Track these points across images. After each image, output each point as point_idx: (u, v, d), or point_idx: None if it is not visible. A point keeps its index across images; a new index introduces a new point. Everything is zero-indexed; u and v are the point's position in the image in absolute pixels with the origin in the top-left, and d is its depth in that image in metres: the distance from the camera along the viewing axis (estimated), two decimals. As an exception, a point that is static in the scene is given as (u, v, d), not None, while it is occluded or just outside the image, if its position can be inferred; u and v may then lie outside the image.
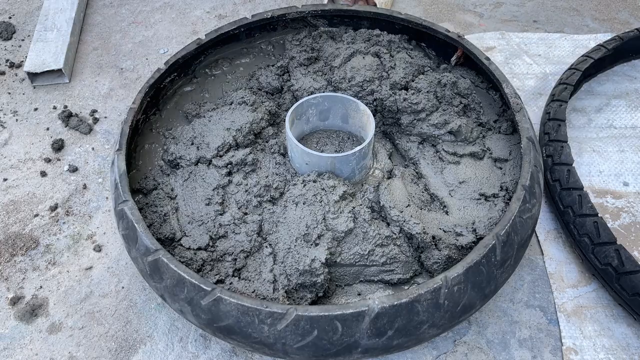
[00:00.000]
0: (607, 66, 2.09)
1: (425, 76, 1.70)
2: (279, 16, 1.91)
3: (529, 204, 1.37)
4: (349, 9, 1.92)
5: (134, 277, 1.58)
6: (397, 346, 1.23)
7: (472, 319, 1.48)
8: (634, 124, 1.96)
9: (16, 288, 1.57)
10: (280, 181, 1.52)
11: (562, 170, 1.60)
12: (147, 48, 2.33)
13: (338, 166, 1.51)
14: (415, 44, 1.94)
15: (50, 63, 2.10)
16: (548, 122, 1.76)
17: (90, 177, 1.84)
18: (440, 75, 1.69)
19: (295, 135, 1.65)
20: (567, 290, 1.54)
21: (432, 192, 1.55)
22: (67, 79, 2.14)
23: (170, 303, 1.30)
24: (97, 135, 1.98)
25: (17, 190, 1.81)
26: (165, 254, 1.27)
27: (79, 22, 2.38)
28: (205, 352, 1.43)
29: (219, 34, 1.84)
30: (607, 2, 2.56)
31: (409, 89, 1.68)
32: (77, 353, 1.44)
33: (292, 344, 1.17)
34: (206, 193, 1.51)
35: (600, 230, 1.47)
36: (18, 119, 2.03)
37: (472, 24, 2.45)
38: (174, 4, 2.55)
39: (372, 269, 1.40)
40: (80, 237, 1.68)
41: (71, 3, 2.36)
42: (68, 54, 2.17)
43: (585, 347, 1.43)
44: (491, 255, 1.27)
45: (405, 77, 1.70)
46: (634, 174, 1.80)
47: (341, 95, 1.65)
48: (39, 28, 2.26)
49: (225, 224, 1.45)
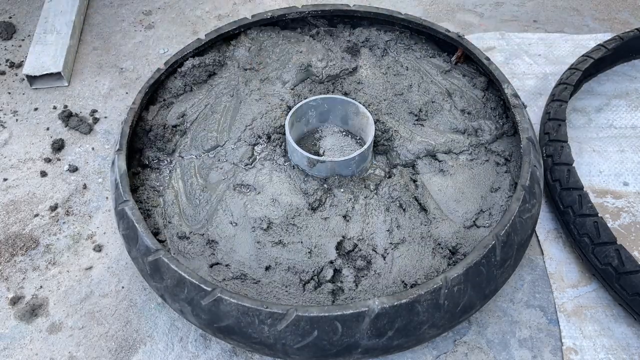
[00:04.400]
0: (607, 66, 2.08)
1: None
2: (279, 16, 1.91)
3: (528, 204, 1.37)
4: (349, 9, 1.92)
5: (134, 277, 1.58)
6: (397, 346, 1.23)
7: (472, 319, 1.48)
8: (634, 124, 1.96)
9: (16, 288, 1.57)
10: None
11: (562, 170, 1.60)
12: (147, 48, 2.33)
13: (338, 170, 1.52)
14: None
15: (49, 66, 2.09)
16: (548, 122, 1.76)
17: (90, 177, 1.84)
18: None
19: (295, 137, 1.66)
20: (567, 290, 1.54)
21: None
22: (66, 82, 2.13)
23: (171, 303, 1.30)
24: (97, 135, 1.98)
25: (17, 190, 1.81)
26: (166, 254, 1.27)
27: (79, 24, 2.37)
28: (205, 352, 1.43)
29: (219, 34, 1.84)
30: (607, 2, 2.56)
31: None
32: (77, 353, 1.44)
33: (292, 345, 1.17)
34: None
35: (600, 230, 1.47)
36: (18, 119, 2.03)
37: (472, 23, 2.45)
38: (174, 4, 2.55)
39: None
40: (80, 237, 1.68)
41: (71, 5, 2.36)
42: (67, 57, 2.16)
43: (586, 347, 1.43)
44: (491, 255, 1.27)
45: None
46: (634, 174, 1.80)
47: (341, 97, 1.65)
48: (39, 30, 2.25)
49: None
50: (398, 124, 1.70)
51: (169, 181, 1.59)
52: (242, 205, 1.51)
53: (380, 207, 1.50)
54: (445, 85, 1.82)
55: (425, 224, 1.48)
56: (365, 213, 1.49)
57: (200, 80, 1.80)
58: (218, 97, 1.78)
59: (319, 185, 1.53)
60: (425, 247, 1.43)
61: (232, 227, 1.47)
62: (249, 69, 1.86)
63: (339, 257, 1.41)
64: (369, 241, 1.44)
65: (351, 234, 1.45)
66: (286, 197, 1.51)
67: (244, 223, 1.47)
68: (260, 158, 1.62)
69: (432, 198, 1.53)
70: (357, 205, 1.50)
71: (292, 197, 1.51)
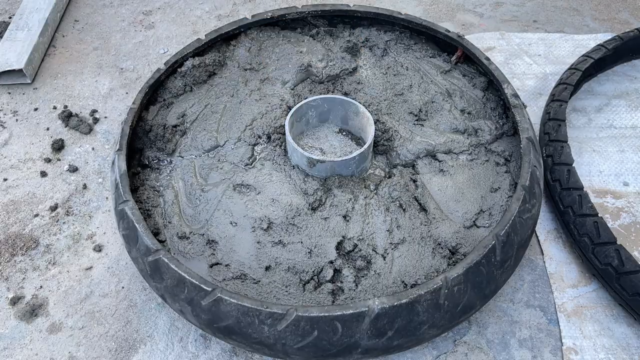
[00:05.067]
0: (607, 66, 2.08)
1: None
2: (279, 16, 1.91)
3: (528, 204, 1.37)
4: (349, 9, 1.92)
5: (134, 277, 1.58)
6: (397, 346, 1.23)
7: (472, 319, 1.48)
8: (634, 124, 1.96)
9: (16, 288, 1.57)
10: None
11: (562, 170, 1.60)
12: (147, 48, 2.33)
13: (338, 170, 1.52)
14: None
15: (12, 63, 2.07)
16: (548, 122, 1.76)
17: (90, 177, 1.84)
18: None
19: (295, 137, 1.66)
20: (567, 290, 1.54)
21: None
22: (29, 80, 2.12)
23: (171, 303, 1.30)
24: (97, 135, 1.98)
25: (17, 190, 1.81)
26: (166, 254, 1.27)
27: (54, 22, 2.34)
28: (205, 352, 1.43)
29: (219, 34, 1.84)
30: (607, 2, 2.56)
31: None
32: (77, 353, 1.44)
33: (292, 345, 1.17)
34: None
35: (600, 230, 1.47)
36: (18, 119, 2.03)
37: (472, 23, 2.45)
38: (174, 4, 2.55)
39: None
40: (80, 237, 1.68)
41: (48, 3, 2.33)
42: (33, 55, 2.14)
43: (586, 347, 1.43)
44: (491, 255, 1.27)
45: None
46: (634, 174, 1.80)
47: (341, 98, 1.65)
48: (12, 27, 2.23)
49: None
50: (398, 124, 1.70)
51: (169, 181, 1.59)
52: (242, 205, 1.51)
53: (380, 207, 1.50)
54: (445, 85, 1.82)
55: (425, 224, 1.48)
56: (365, 213, 1.49)
57: (200, 81, 1.80)
58: (218, 97, 1.78)
59: (319, 185, 1.53)
60: (425, 247, 1.43)
61: (232, 227, 1.47)
62: (249, 69, 1.86)
63: (339, 257, 1.41)
64: (369, 241, 1.44)
65: (351, 234, 1.45)
66: (286, 197, 1.51)
67: (244, 223, 1.47)
68: (260, 158, 1.62)
69: (432, 198, 1.53)
70: (357, 205, 1.50)
71: (292, 197, 1.51)
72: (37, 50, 2.18)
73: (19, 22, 2.24)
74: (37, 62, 2.18)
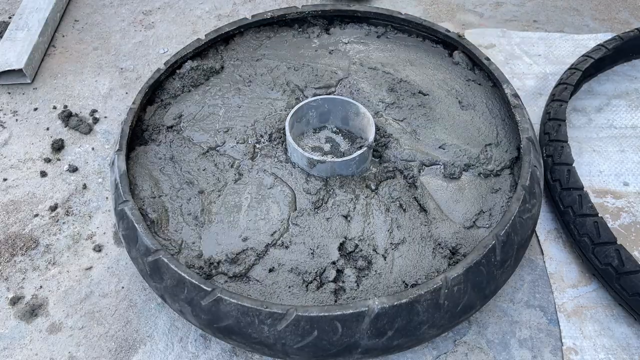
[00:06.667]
0: (607, 66, 2.09)
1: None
2: (279, 16, 1.91)
3: (528, 204, 1.37)
4: (349, 9, 1.92)
5: (134, 277, 1.58)
6: (397, 346, 1.23)
7: (472, 319, 1.48)
8: (634, 124, 1.96)
9: (16, 288, 1.57)
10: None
11: (562, 170, 1.60)
12: (147, 48, 2.33)
13: (338, 170, 1.52)
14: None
15: (12, 63, 2.08)
16: (548, 122, 1.76)
17: (90, 177, 1.84)
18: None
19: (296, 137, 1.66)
20: (567, 290, 1.54)
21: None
22: (29, 80, 2.12)
23: (171, 303, 1.30)
24: (97, 135, 1.98)
25: (17, 190, 1.81)
26: (166, 254, 1.27)
27: (54, 22, 2.34)
28: (205, 352, 1.43)
29: (218, 34, 1.84)
30: (607, 2, 2.56)
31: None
32: (77, 353, 1.44)
33: (292, 345, 1.17)
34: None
35: (600, 230, 1.47)
36: (18, 119, 2.03)
37: (473, 23, 2.45)
38: (174, 4, 2.55)
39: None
40: (80, 237, 1.68)
41: (47, 3, 2.33)
42: (33, 54, 2.14)
43: (586, 347, 1.43)
44: (491, 255, 1.27)
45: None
46: (634, 174, 1.80)
47: (341, 98, 1.65)
48: (12, 27, 2.23)
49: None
50: (398, 125, 1.70)
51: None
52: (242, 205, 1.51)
53: (380, 207, 1.50)
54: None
55: (426, 224, 1.48)
56: (366, 213, 1.49)
57: (199, 82, 1.79)
58: (217, 98, 1.78)
59: (321, 185, 1.53)
60: (425, 247, 1.43)
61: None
62: (249, 69, 1.86)
63: (341, 258, 1.41)
64: (370, 241, 1.44)
65: (352, 234, 1.45)
66: (288, 197, 1.51)
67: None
68: (260, 158, 1.62)
69: (432, 198, 1.53)
70: (359, 205, 1.50)
71: (295, 197, 1.51)
72: (37, 50, 2.18)
73: (19, 22, 2.24)
74: (37, 62, 2.18)
